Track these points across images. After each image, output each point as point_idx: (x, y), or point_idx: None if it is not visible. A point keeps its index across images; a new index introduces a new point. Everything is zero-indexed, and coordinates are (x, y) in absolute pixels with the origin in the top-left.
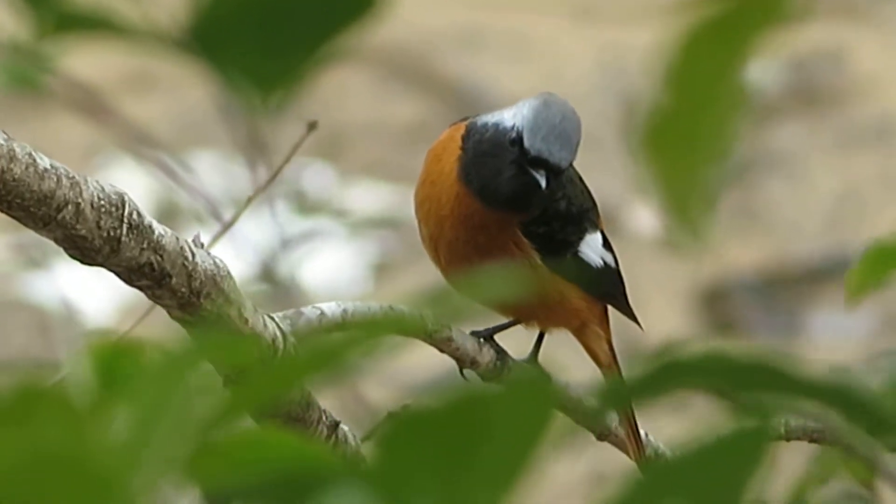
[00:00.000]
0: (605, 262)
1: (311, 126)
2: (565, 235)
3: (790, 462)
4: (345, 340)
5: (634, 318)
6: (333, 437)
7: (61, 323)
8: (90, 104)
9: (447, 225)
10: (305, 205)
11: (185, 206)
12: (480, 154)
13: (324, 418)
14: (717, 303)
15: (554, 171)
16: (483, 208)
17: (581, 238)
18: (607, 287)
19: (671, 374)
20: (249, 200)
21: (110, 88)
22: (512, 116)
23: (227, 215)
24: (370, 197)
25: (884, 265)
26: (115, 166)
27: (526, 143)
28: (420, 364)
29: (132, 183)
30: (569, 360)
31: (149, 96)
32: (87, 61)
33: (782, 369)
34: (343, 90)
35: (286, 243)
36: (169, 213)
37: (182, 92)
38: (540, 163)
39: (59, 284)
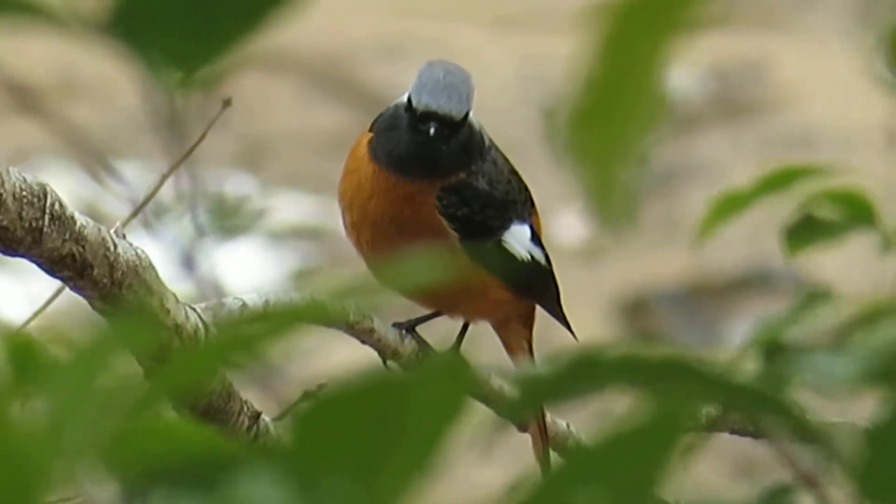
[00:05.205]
0: (532, 257)
1: (226, 103)
2: (485, 218)
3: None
4: (265, 327)
5: (565, 322)
6: (255, 427)
7: None
8: (21, 103)
9: (371, 205)
10: (226, 211)
11: (110, 211)
12: (384, 130)
13: (245, 409)
14: (638, 312)
15: (445, 122)
16: (400, 178)
17: (504, 226)
18: (533, 283)
19: (584, 372)
20: (164, 178)
21: (38, 93)
22: (407, 91)
23: (152, 222)
24: (291, 207)
25: (727, 211)
26: (42, 170)
27: (413, 102)
28: (339, 363)
29: (58, 186)
30: (493, 352)
31: (75, 102)
32: (13, 65)
33: (696, 367)
34: (265, 99)
35: (206, 245)
36: (95, 219)
37: (108, 100)
38: (429, 116)
39: None
